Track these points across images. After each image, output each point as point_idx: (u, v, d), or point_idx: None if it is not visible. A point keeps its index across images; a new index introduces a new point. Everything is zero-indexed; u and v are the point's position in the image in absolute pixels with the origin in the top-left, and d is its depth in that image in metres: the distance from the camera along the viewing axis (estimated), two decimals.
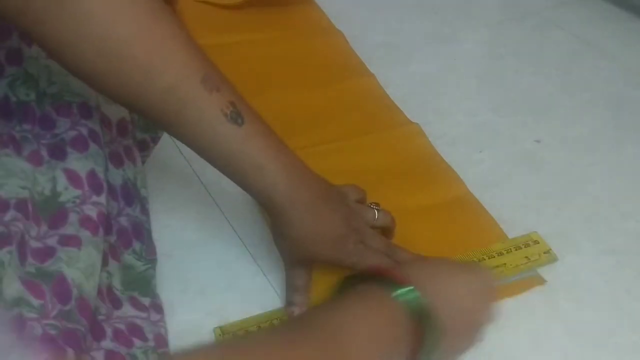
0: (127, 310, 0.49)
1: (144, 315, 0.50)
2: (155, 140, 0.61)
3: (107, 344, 0.46)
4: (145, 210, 0.56)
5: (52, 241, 0.45)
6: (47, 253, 0.44)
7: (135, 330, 0.48)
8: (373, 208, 0.55)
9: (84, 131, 0.50)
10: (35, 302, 0.41)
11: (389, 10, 0.97)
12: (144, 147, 0.61)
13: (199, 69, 0.45)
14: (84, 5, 0.41)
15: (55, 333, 0.40)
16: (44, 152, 0.49)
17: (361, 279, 0.42)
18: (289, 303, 0.52)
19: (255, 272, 0.57)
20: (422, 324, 0.39)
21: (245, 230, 0.60)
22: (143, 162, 0.61)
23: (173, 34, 0.44)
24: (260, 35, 0.88)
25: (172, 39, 0.44)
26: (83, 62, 0.43)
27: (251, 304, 0.54)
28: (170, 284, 0.55)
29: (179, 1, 0.91)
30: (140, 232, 0.54)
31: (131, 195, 0.55)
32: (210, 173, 0.50)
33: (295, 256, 0.52)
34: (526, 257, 0.58)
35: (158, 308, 0.51)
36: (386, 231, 0.56)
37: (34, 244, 0.45)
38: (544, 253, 0.58)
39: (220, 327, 0.51)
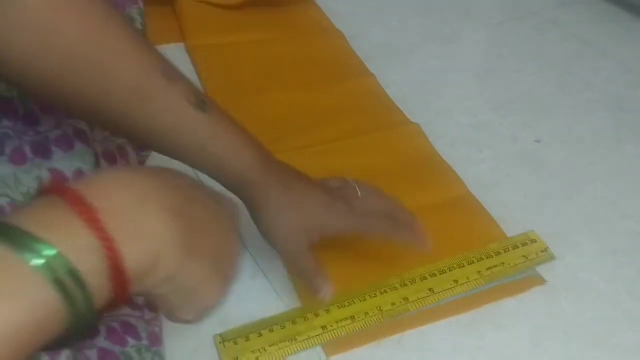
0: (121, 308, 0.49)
1: (137, 314, 0.50)
2: None
3: (100, 342, 0.45)
4: None
5: None
6: None
7: (129, 329, 0.48)
8: (352, 185, 0.53)
9: (69, 131, 0.50)
10: None
11: (389, 10, 0.97)
12: (144, 147, 0.60)
13: (158, 63, 0.44)
14: (27, 10, 0.38)
15: None
16: (27, 150, 0.48)
17: None
18: (316, 291, 0.50)
19: (255, 273, 0.57)
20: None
21: (245, 230, 0.60)
22: (143, 162, 0.60)
23: (126, 35, 0.43)
24: (260, 35, 0.88)
25: (126, 39, 0.43)
26: (34, 70, 0.40)
27: (251, 305, 0.54)
28: None
29: (178, 1, 0.91)
30: None
31: None
32: None
33: (289, 240, 0.50)
34: (524, 255, 0.58)
35: (152, 306, 0.51)
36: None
37: None
38: (541, 251, 0.58)
39: (220, 335, 0.51)
